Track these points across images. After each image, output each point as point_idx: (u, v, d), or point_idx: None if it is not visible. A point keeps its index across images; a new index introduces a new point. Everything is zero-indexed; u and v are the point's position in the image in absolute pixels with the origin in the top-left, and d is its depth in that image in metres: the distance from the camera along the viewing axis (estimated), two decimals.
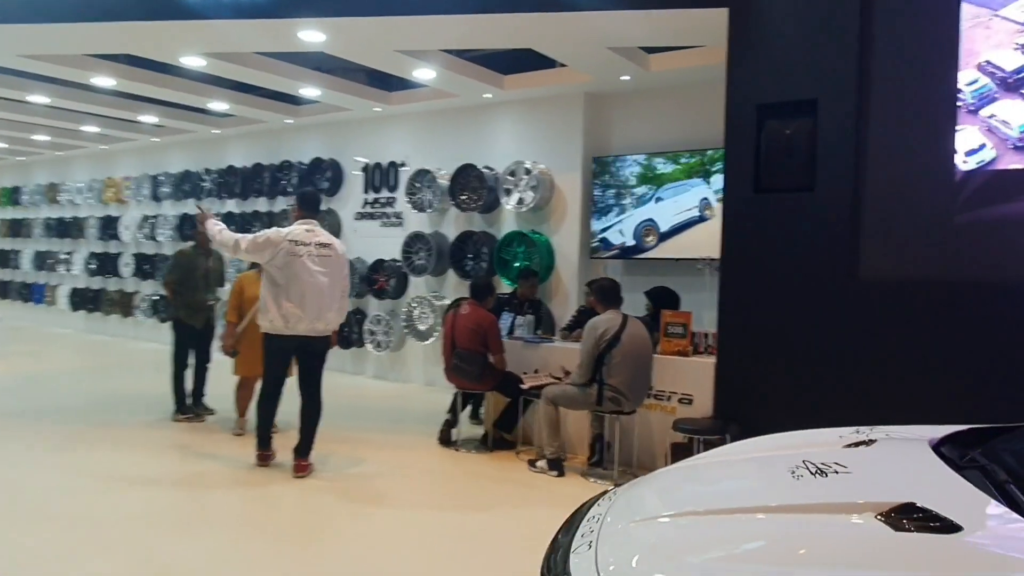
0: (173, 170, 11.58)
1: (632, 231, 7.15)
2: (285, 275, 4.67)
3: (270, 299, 4.71)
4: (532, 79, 7.53)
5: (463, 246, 8.19)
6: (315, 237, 4.85)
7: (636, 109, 7.44)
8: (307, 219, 4.93)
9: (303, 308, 4.69)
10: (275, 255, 4.67)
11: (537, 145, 7.87)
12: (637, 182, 7.17)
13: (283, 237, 4.72)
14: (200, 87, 8.38)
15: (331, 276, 4.83)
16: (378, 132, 9.17)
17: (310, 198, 5.12)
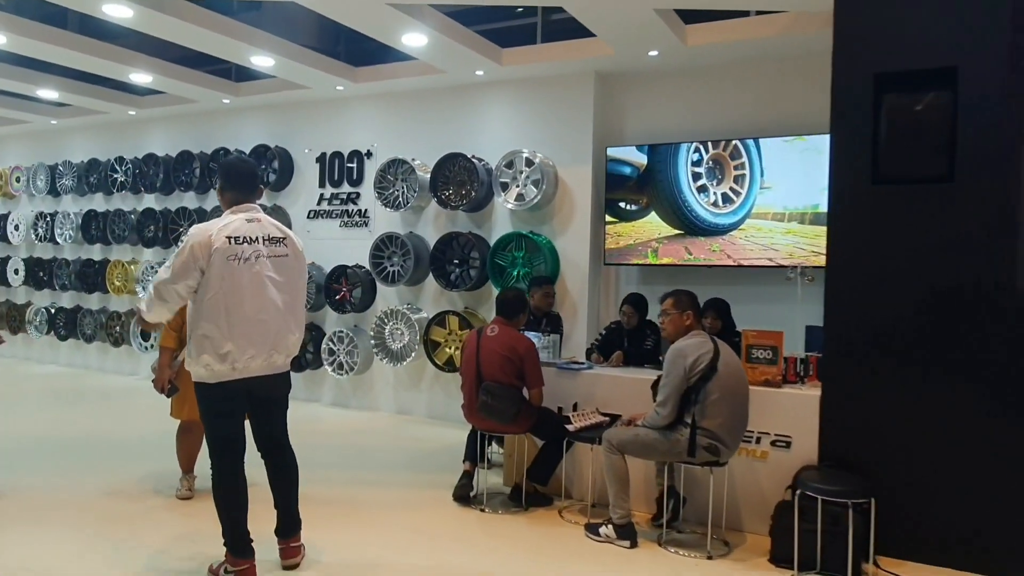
0: (76, 158, 9.74)
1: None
2: (224, 293, 3.12)
3: (203, 333, 3.13)
4: (535, 54, 6.38)
5: (446, 250, 6.94)
6: (262, 229, 3.30)
7: (659, 91, 6.41)
8: (242, 203, 3.35)
9: (255, 338, 3.19)
10: (207, 267, 3.13)
11: (537, 133, 6.73)
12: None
13: (211, 236, 3.14)
14: (119, 52, 6.79)
15: (290, 285, 3.33)
16: (339, 115, 7.79)
17: (241, 171, 3.37)
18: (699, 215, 6.06)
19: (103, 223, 9.31)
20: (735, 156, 5.90)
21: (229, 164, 3.42)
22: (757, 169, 5.82)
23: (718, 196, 5.98)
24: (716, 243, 5.98)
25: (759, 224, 5.81)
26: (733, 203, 5.93)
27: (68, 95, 8.11)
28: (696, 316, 3.97)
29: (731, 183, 5.93)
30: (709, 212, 6.02)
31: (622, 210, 6.37)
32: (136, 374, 9.27)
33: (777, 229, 5.74)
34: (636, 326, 5.34)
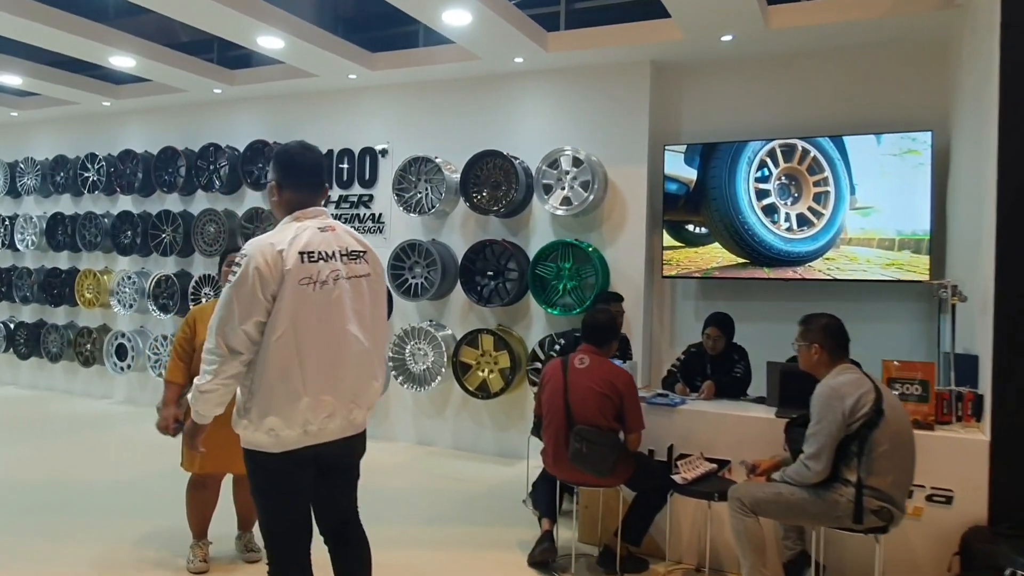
0: (40, 155, 8.68)
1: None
2: (296, 330, 2.30)
3: (268, 388, 2.30)
4: (584, 39, 5.64)
5: (476, 260, 6.14)
6: (338, 241, 2.48)
7: (724, 83, 5.72)
8: (308, 206, 2.49)
9: (334, 391, 2.39)
10: (277, 297, 2.30)
11: (581, 129, 5.98)
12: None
13: (282, 252, 2.31)
14: (98, 30, 5.85)
15: (371, 315, 2.51)
16: (350, 108, 6.93)
17: (306, 163, 2.52)
18: (765, 241, 5.37)
19: (71, 227, 8.28)
20: (815, 170, 5.20)
21: (289, 154, 2.53)
22: (844, 182, 5.14)
23: (792, 218, 5.28)
24: (791, 272, 5.29)
25: (854, 252, 5.11)
26: (813, 226, 5.23)
27: (34, 82, 7.10)
28: (825, 350, 3.25)
29: (810, 201, 5.24)
30: (780, 238, 5.32)
31: (689, 233, 5.64)
32: (110, 397, 8.25)
33: (879, 259, 5.04)
34: (722, 350, 4.62)
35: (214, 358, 2.27)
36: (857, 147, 5.10)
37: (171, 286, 7.55)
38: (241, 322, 2.26)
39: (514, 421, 6.19)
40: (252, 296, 2.27)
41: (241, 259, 2.32)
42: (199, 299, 7.34)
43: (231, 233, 7.24)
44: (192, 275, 7.56)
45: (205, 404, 2.31)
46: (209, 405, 2.32)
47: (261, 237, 2.39)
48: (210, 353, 2.29)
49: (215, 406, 2.32)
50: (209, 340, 2.30)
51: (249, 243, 2.37)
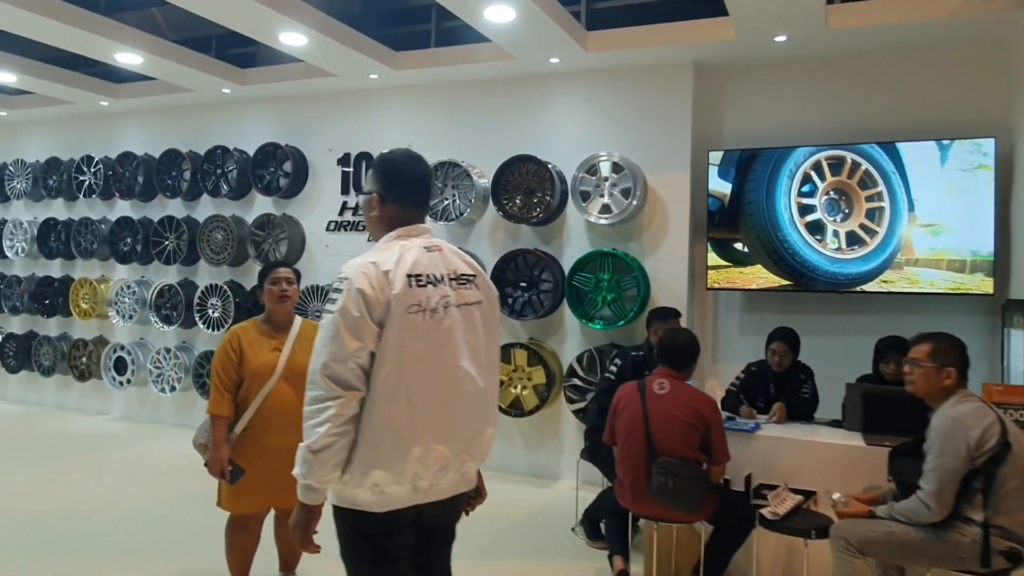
0: (31, 157, 8.22)
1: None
2: (405, 367, 1.98)
3: (374, 436, 1.96)
4: (625, 38, 5.36)
5: (506, 270, 5.83)
6: (446, 263, 2.15)
7: (772, 87, 5.48)
8: (412, 223, 2.18)
9: (450, 436, 2.07)
10: (384, 326, 1.97)
11: (619, 133, 5.70)
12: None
13: (389, 274, 1.99)
14: (105, 24, 5.47)
15: (485, 349, 2.17)
16: (368, 109, 6.59)
17: (414, 175, 2.19)
18: (809, 261, 5.12)
19: (65, 234, 7.83)
20: (867, 184, 4.96)
21: (396, 164, 2.18)
22: (901, 196, 4.89)
23: (842, 236, 5.03)
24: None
25: (917, 274, 4.85)
26: (865, 245, 4.99)
27: (31, 80, 6.67)
28: (960, 375, 2.99)
29: (862, 218, 5.00)
30: (827, 258, 5.07)
31: (737, 252, 5.38)
32: (106, 413, 7.82)
33: (946, 282, 4.78)
34: (787, 368, 4.35)
35: (325, 404, 1.92)
36: (916, 159, 4.86)
37: (174, 296, 7.15)
38: (353, 353, 1.93)
39: (547, 439, 5.89)
40: (361, 322, 1.94)
41: (340, 283, 1.99)
42: (205, 310, 6.95)
43: (240, 241, 6.86)
44: (197, 284, 7.17)
45: (323, 467, 1.92)
46: (327, 468, 1.93)
47: (360, 257, 2.07)
48: (317, 401, 1.93)
49: (334, 468, 1.94)
50: (313, 387, 1.95)
51: (348, 265, 2.04)
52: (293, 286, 3.45)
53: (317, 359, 1.96)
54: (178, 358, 7.13)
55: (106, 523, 4.56)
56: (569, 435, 5.80)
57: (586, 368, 5.50)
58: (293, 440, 3.27)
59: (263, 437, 3.28)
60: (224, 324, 6.84)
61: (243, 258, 6.98)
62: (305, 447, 1.94)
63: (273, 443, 3.27)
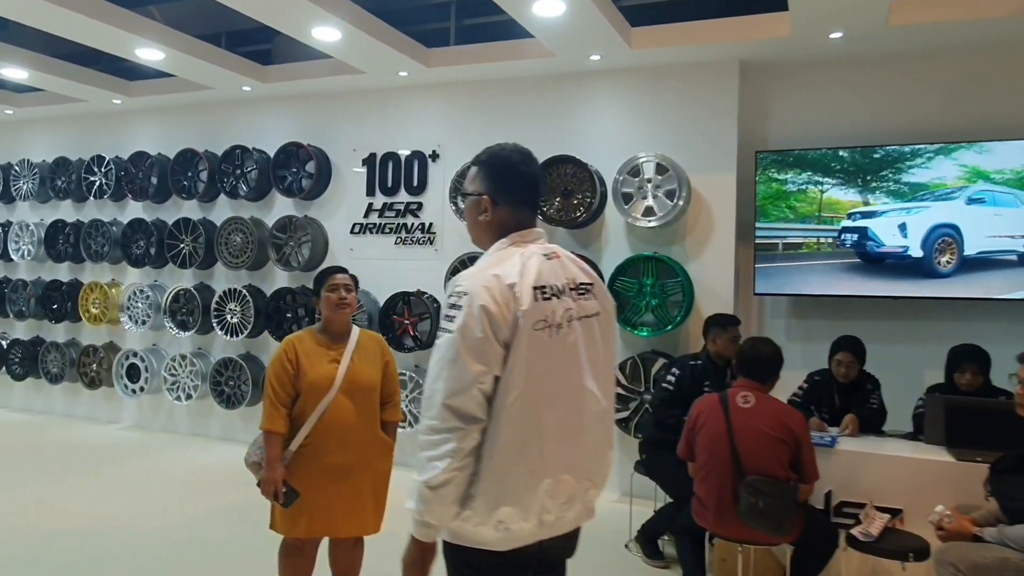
0: (38, 157, 7.95)
1: (923, 236, 4.76)
2: (534, 391, 1.77)
3: (503, 467, 1.76)
4: (670, 35, 5.17)
5: None
6: (565, 271, 1.93)
7: (822, 85, 5.31)
8: (526, 228, 1.96)
9: (576, 464, 1.87)
10: (510, 346, 1.76)
11: (661, 133, 5.51)
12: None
13: (514, 287, 1.78)
14: (127, 17, 5.23)
15: (605, 366, 1.97)
16: (395, 108, 6.38)
17: (527, 174, 1.97)
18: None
19: (75, 236, 7.57)
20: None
21: (509, 162, 1.96)
22: None
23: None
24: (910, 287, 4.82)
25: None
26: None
27: (42, 76, 6.41)
28: None
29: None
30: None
31: None
32: (117, 422, 7.55)
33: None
34: (855, 379, 4.17)
35: (444, 436, 1.72)
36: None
37: (190, 301, 6.90)
38: (476, 379, 1.72)
39: None
40: (485, 344, 1.73)
41: (457, 298, 1.77)
42: (223, 315, 6.70)
43: (260, 244, 6.63)
44: (214, 289, 6.93)
45: (442, 503, 1.72)
46: (446, 504, 1.73)
47: (477, 268, 1.85)
48: (434, 432, 1.73)
49: (453, 503, 1.74)
50: (430, 416, 1.74)
51: (464, 277, 1.82)
52: (352, 293, 3.24)
53: (433, 384, 1.75)
54: (194, 365, 6.88)
55: (136, 542, 4.32)
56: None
57: (629, 376, 5.31)
58: (352, 459, 3.11)
59: (321, 455, 3.06)
60: (243, 330, 6.60)
61: (262, 261, 6.74)
62: (422, 483, 1.73)
63: (330, 462, 3.06)
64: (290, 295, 6.53)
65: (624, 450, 5.50)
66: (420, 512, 1.73)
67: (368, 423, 3.16)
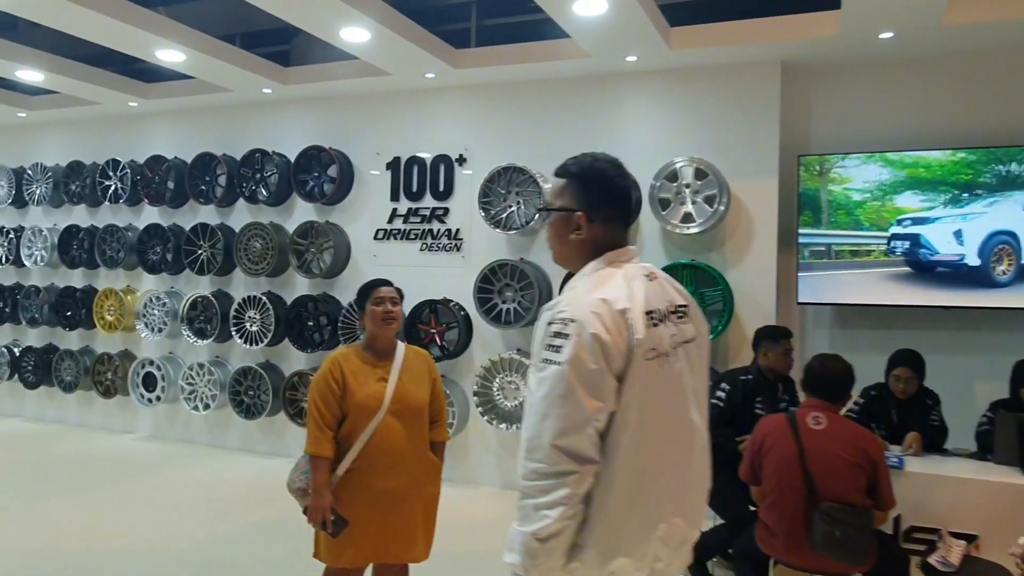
0: (51, 160, 7.78)
1: (980, 244, 4.57)
2: (646, 428, 1.61)
3: (617, 513, 1.59)
4: (711, 34, 5.00)
5: None
6: (664, 292, 1.78)
7: (867, 87, 5.13)
8: (623, 246, 1.79)
9: (685, 505, 1.72)
10: (623, 379, 1.59)
11: (698, 137, 5.34)
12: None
13: (626, 313, 1.61)
14: (148, 18, 5.06)
15: (702, 395, 1.81)
16: (420, 111, 6.21)
17: (623, 187, 1.79)
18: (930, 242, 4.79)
19: (89, 242, 7.40)
20: None
21: (604, 175, 1.77)
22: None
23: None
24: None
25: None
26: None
27: (57, 78, 6.25)
28: None
29: None
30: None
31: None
32: (132, 432, 7.39)
33: None
34: (914, 395, 3.99)
35: (555, 481, 1.54)
36: None
37: (208, 308, 6.73)
38: (592, 416, 1.55)
39: None
40: (599, 377, 1.56)
41: (563, 325, 1.59)
42: (242, 323, 6.53)
43: (280, 250, 6.46)
44: (233, 296, 6.76)
45: (551, 556, 1.55)
46: (555, 556, 1.56)
47: (580, 292, 1.67)
48: (543, 477, 1.55)
49: (562, 555, 1.57)
50: (536, 460, 1.56)
51: (566, 302, 1.64)
52: (399, 307, 3.07)
53: (540, 423, 1.57)
54: (212, 374, 6.71)
55: (166, 565, 4.15)
56: None
57: None
58: (402, 483, 2.93)
59: (369, 480, 2.89)
60: (263, 338, 6.43)
61: (283, 268, 6.57)
62: (528, 534, 1.55)
63: (379, 487, 2.89)
64: (312, 302, 6.35)
65: None
66: (526, 568, 1.55)
67: (418, 445, 3.00)
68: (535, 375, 1.65)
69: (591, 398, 1.55)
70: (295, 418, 6.33)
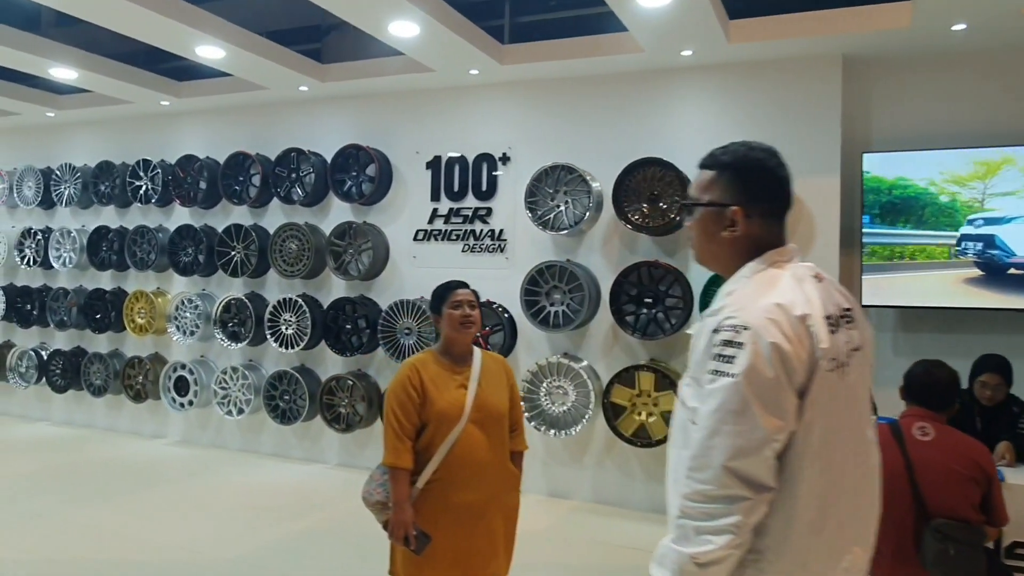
0: (80, 160, 7.66)
1: None
2: (826, 446, 1.44)
3: (790, 540, 1.42)
4: (771, 27, 4.83)
5: (624, 283, 5.29)
6: (829, 295, 1.58)
7: (933, 81, 4.95)
8: (781, 245, 1.62)
9: (865, 532, 1.55)
10: (807, 396, 1.42)
11: (754, 133, 5.06)
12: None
13: (800, 321, 1.43)
14: (190, 12, 4.92)
15: (870, 405, 1.66)
16: (462, 108, 6.05)
17: (787, 178, 1.64)
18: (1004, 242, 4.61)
19: (119, 243, 7.27)
20: None
21: (762, 165, 1.61)
22: None
23: None
24: None
25: None
26: None
27: (92, 76, 6.11)
28: None
29: None
30: None
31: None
32: (163, 436, 7.25)
33: None
34: (1001, 402, 3.81)
35: (723, 506, 1.38)
36: None
37: (242, 311, 6.59)
38: (770, 436, 1.38)
39: None
40: (780, 392, 1.40)
41: (734, 332, 1.43)
42: (277, 326, 6.38)
43: (317, 251, 6.31)
44: (266, 298, 6.62)
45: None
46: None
47: (748, 296, 1.50)
48: (711, 500, 1.39)
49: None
50: (703, 480, 1.40)
51: (735, 307, 1.47)
52: (476, 310, 2.91)
53: (709, 440, 1.41)
54: (246, 378, 6.57)
55: (218, 574, 4.00)
56: None
57: None
58: (484, 495, 2.76)
59: (449, 493, 2.73)
60: (299, 342, 6.28)
61: (319, 270, 6.43)
62: (686, 555, 1.40)
63: (460, 500, 2.73)
64: (350, 305, 6.21)
65: None
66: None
67: (499, 455, 2.84)
68: (694, 388, 1.50)
69: (770, 415, 1.39)
70: (332, 423, 6.18)
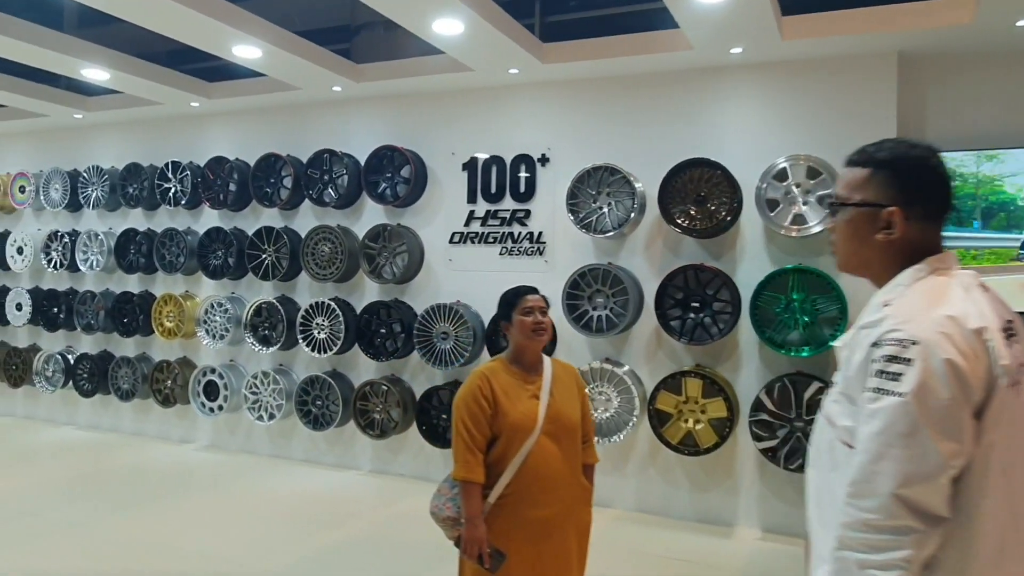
0: (107, 162, 7.59)
1: None
2: (1003, 470, 1.31)
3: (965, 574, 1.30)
4: (825, 23, 4.69)
5: (668, 287, 5.16)
6: (997, 307, 1.44)
7: (992, 79, 4.81)
8: (940, 252, 1.49)
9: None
10: (984, 417, 1.30)
11: (805, 134, 5.03)
12: None
13: (976, 335, 1.32)
14: (228, 10, 4.83)
15: None
16: (498, 109, 5.94)
17: (948, 179, 1.50)
18: None
19: (147, 246, 7.19)
20: None
21: (923, 163, 1.50)
22: None
23: None
24: None
25: None
26: None
27: (123, 77, 6.03)
28: None
29: None
30: None
31: None
32: (191, 441, 7.16)
33: None
34: None
35: (891, 538, 1.26)
36: None
37: (273, 314, 6.49)
38: (946, 462, 1.27)
39: (718, 480, 5.20)
40: (955, 413, 1.28)
41: (901, 348, 1.31)
42: (310, 331, 6.28)
43: (351, 254, 6.20)
44: (297, 302, 6.52)
45: None
46: None
47: (913, 306, 1.38)
48: (877, 531, 1.27)
49: None
50: (868, 509, 1.28)
51: (901, 319, 1.36)
52: (548, 317, 2.80)
53: (873, 464, 1.29)
54: (277, 383, 6.47)
55: None
56: (747, 476, 5.11)
57: (778, 400, 4.82)
58: (557, 511, 2.62)
59: (521, 508, 2.61)
60: (332, 346, 6.17)
61: (352, 273, 6.32)
62: None
63: (533, 515, 2.62)
64: (384, 309, 6.09)
65: (766, 482, 5.03)
66: None
67: (572, 468, 2.72)
68: (844, 405, 1.39)
69: (944, 439, 1.27)
70: (366, 429, 6.07)
